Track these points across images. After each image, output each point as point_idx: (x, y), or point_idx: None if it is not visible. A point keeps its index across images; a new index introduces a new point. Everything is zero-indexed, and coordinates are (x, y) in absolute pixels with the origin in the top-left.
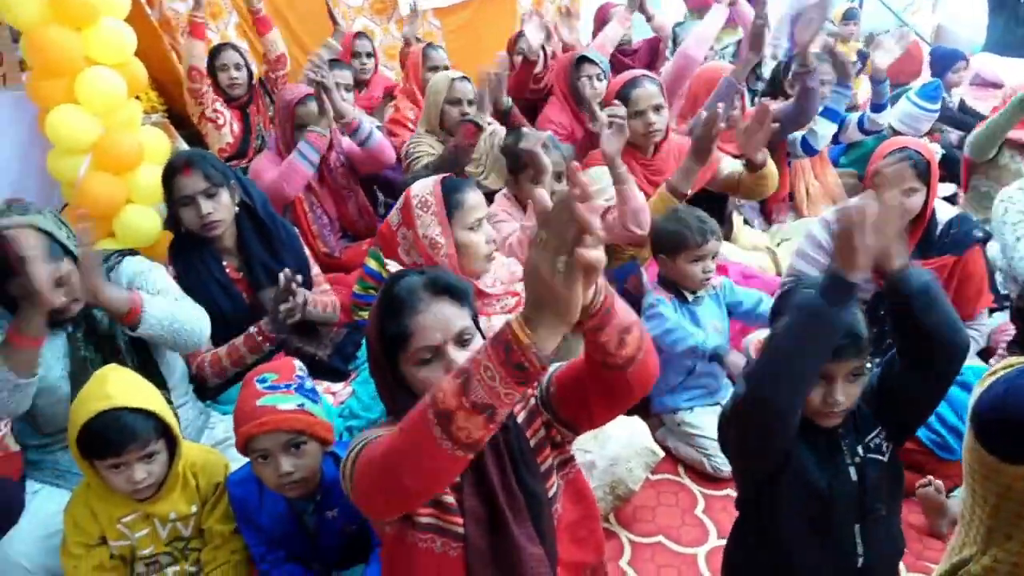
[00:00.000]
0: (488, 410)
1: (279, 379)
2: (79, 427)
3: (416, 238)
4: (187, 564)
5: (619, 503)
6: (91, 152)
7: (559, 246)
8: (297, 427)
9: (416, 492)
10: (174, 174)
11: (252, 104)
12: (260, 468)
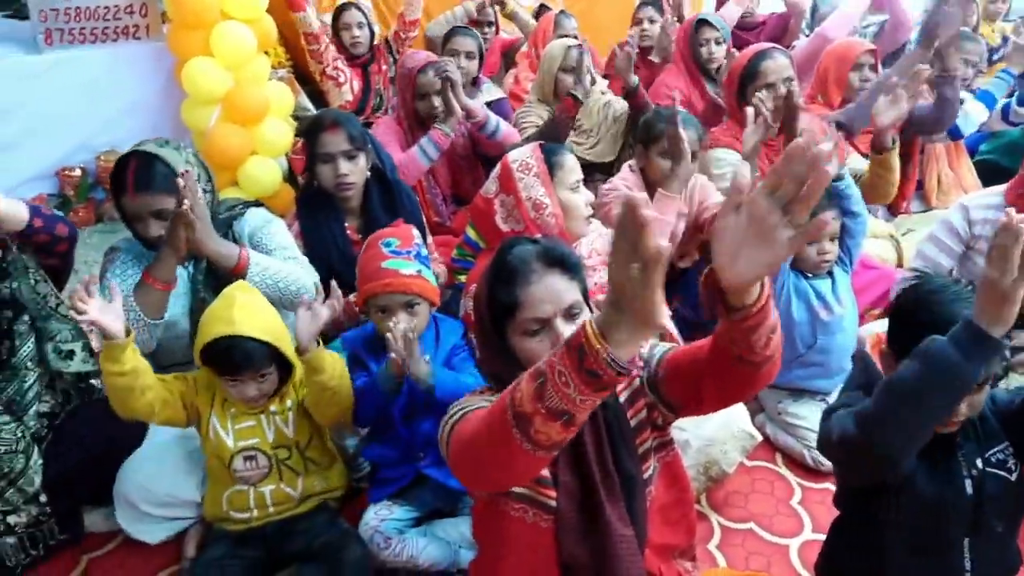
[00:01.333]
0: (565, 416)
1: (401, 245)
2: (203, 344)
3: (518, 202)
4: (282, 483)
5: (711, 484)
6: (221, 103)
7: (630, 252)
8: (414, 290)
9: (502, 482)
10: (320, 130)
11: (373, 63)
12: (379, 320)
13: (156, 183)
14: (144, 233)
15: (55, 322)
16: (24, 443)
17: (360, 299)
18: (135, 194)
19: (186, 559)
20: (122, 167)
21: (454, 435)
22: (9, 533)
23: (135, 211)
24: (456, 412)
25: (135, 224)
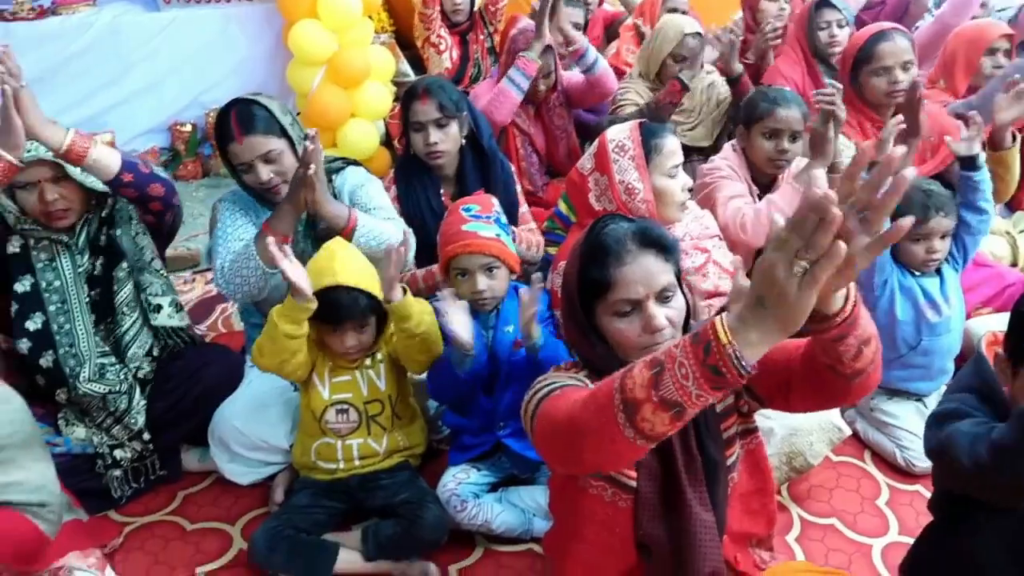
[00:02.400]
0: (676, 408)
1: (480, 211)
2: None
3: (611, 183)
4: (369, 438)
5: (794, 475)
6: (325, 66)
7: (802, 248)
8: (493, 252)
9: (594, 465)
10: (412, 99)
11: (472, 32)
12: (459, 283)
13: (259, 125)
14: (254, 179)
15: (148, 275)
16: (127, 384)
17: (442, 263)
18: (241, 137)
19: (274, 503)
20: (224, 116)
21: (541, 413)
22: (115, 466)
23: (242, 156)
24: (542, 388)
25: (244, 173)
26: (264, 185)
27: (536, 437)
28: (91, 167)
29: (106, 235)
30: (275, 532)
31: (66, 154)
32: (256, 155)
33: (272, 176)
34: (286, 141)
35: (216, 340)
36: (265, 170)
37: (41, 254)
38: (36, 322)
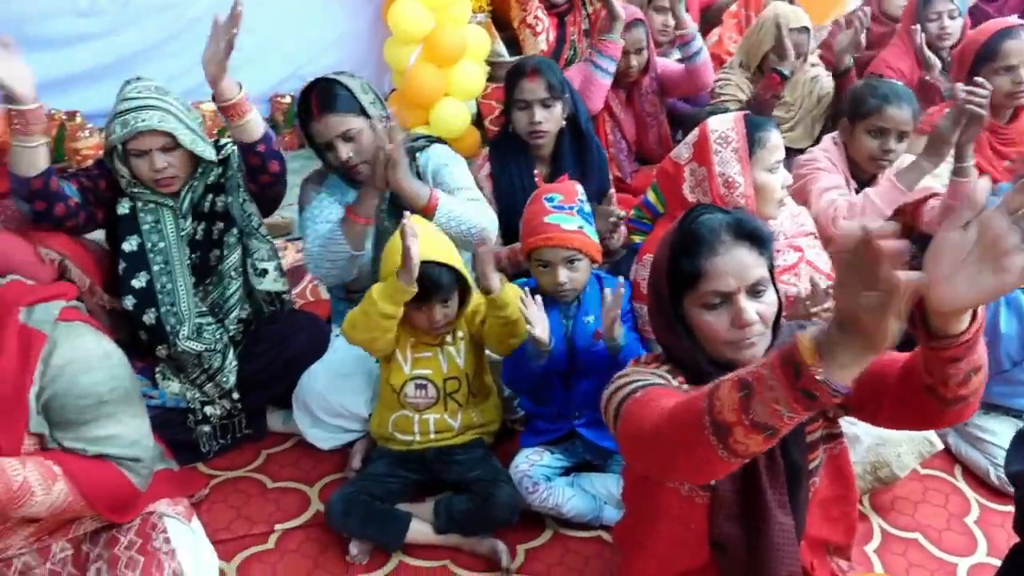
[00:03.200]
0: (769, 430)
1: (564, 200)
2: (394, 270)
3: (710, 175)
4: (446, 413)
5: (878, 486)
6: (422, 43)
7: (864, 283)
8: (575, 245)
9: (683, 477)
10: (520, 76)
11: (570, 14)
12: (540, 274)
13: (339, 103)
14: (335, 158)
15: (256, 241)
16: (223, 343)
17: (523, 251)
18: (320, 115)
19: (351, 469)
20: (306, 95)
21: (626, 416)
22: (205, 422)
23: (323, 134)
24: (625, 386)
25: (325, 151)
26: (344, 164)
27: (620, 439)
28: (241, 127)
29: (211, 202)
30: (351, 498)
31: (231, 107)
32: (335, 133)
33: (351, 155)
34: (366, 120)
35: (304, 307)
36: (344, 148)
37: (148, 216)
38: (141, 280)
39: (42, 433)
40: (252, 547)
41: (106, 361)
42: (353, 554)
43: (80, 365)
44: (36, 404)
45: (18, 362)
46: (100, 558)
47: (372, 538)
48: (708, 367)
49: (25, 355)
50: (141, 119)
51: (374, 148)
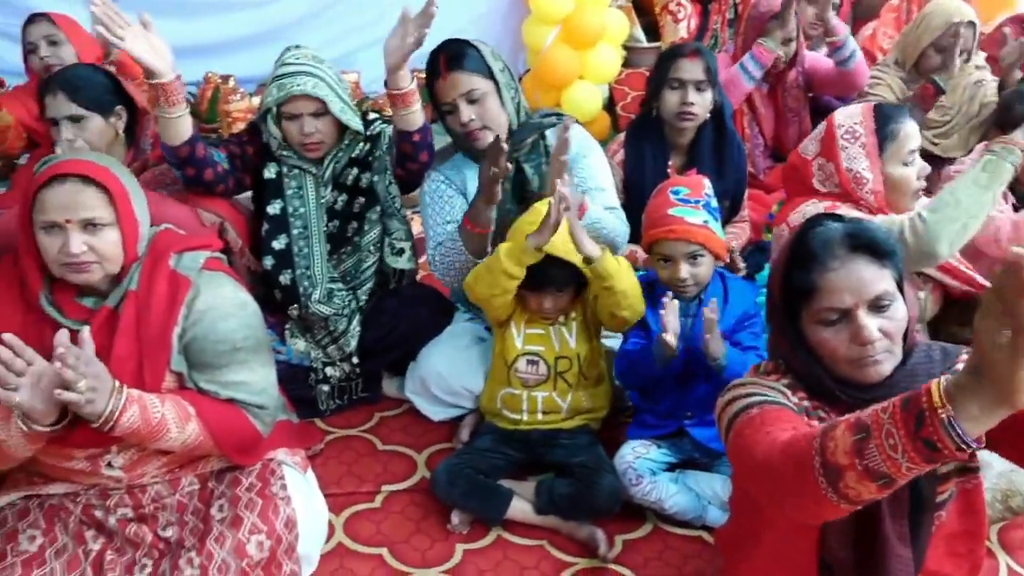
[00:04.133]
0: (884, 479)
1: (690, 194)
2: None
3: (838, 170)
4: (555, 392)
5: (1008, 516)
6: (560, 25)
7: (1005, 317)
8: (699, 240)
9: (790, 514)
10: (678, 56)
11: (715, 2)
12: (660, 268)
13: (466, 63)
14: (455, 121)
15: (396, 221)
16: (350, 310)
17: (644, 244)
18: (447, 73)
19: (459, 441)
20: (435, 54)
21: (738, 434)
22: (325, 382)
23: (447, 93)
24: (740, 398)
25: (448, 114)
26: (464, 127)
27: (731, 455)
28: (404, 116)
29: (355, 176)
30: (456, 469)
31: (401, 95)
32: (460, 92)
33: (472, 118)
34: (493, 84)
35: (425, 279)
36: (467, 111)
37: (292, 182)
38: (281, 243)
39: (181, 372)
40: (359, 504)
41: (242, 311)
42: (454, 523)
43: (219, 312)
44: (178, 344)
45: (166, 304)
46: (223, 496)
47: (474, 510)
48: (830, 384)
49: (172, 298)
50: (296, 84)
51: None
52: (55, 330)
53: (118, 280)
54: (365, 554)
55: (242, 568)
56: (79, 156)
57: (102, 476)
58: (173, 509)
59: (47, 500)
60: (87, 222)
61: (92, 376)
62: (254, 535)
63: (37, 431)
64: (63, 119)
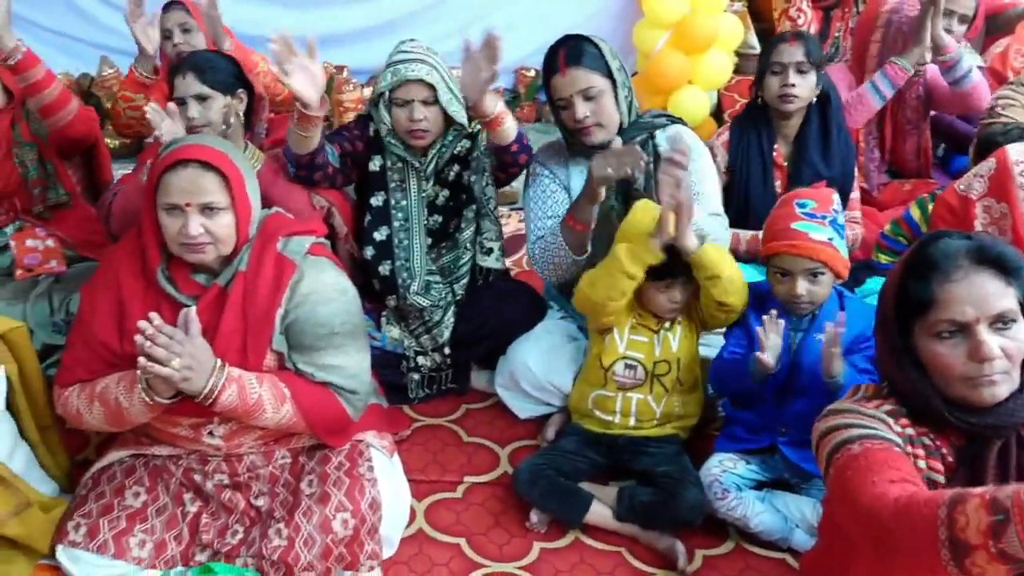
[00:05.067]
0: (1020, 564)
1: (817, 208)
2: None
3: (1014, 213)
4: (650, 396)
5: None
6: (672, 28)
7: None
8: (821, 258)
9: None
10: (780, 42)
11: (838, 8)
12: (776, 282)
13: (585, 59)
14: (570, 116)
15: (488, 222)
16: (446, 302)
17: (763, 255)
18: (565, 68)
19: (543, 440)
20: (554, 49)
21: (840, 471)
22: (416, 371)
23: (564, 88)
24: (840, 429)
25: (562, 109)
26: (578, 123)
27: (829, 490)
28: (497, 133)
29: (455, 173)
30: (538, 469)
31: (488, 122)
32: (577, 89)
33: (587, 115)
34: (610, 82)
35: (518, 276)
36: (583, 107)
37: (395, 175)
38: (382, 234)
39: (282, 352)
40: (441, 492)
41: (342, 297)
42: (533, 521)
43: (320, 296)
44: (280, 324)
45: (271, 285)
46: (313, 472)
47: (553, 511)
48: (939, 405)
49: (278, 280)
50: (411, 70)
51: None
52: (169, 303)
53: (229, 260)
54: (444, 542)
55: (327, 543)
56: (201, 142)
57: (203, 443)
58: (266, 480)
59: (152, 460)
60: (205, 206)
61: (188, 355)
62: (340, 513)
63: (158, 403)
64: (190, 98)
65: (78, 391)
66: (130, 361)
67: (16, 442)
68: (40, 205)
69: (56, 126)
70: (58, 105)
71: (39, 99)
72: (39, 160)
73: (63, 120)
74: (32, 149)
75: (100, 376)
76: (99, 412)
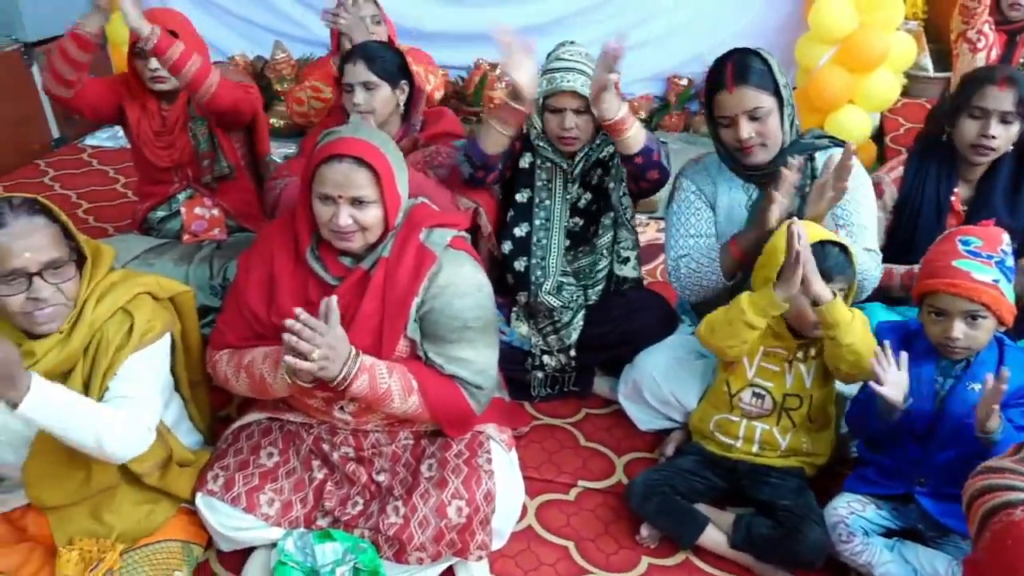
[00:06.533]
0: None
1: (983, 247)
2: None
3: None
4: (776, 427)
5: None
6: (838, 44)
7: None
8: (983, 300)
9: None
10: (986, 82)
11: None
12: (930, 322)
13: (754, 77)
14: (732, 136)
15: (625, 231)
16: (577, 304)
17: (916, 294)
18: (733, 86)
19: (661, 455)
20: (721, 63)
21: (997, 538)
22: (540, 369)
23: (727, 107)
24: (998, 491)
25: (722, 127)
26: (742, 143)
27: (983, 556)
28: (620, 141)
29: (599, 177)
30: (654, 484)
31: (611, 125)
32: (743, 108)
33: (752, 135)
34: (777, 101)
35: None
36: (748, 127)
37: (542, 173)
38: (522, 230)
39: (415, 340)
40: (554, 493)
41: (478, 292)
42: (643, 535)
43: (457, 289)
44: (415, 313)
45: (411, 274)
46: (433, 456)
47: (665, 528)
48: None
49: (417, 269)
50: (566, 80)
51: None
52: (316, 281)
53: (374, 246)
54: (552, 543)
55: (440, 527)
56: (358, 136)
57: (333, 416)
58: (388, 457)
59: (287, 425)
60: (356, 199)
61: (327, 345)
62: (455, 500)
63: (300, 386)
64: (358, 84)
65: (227, 357)
66: (274, 331)
67: (172, 396)
68: (208, 176)
69: (201, 101)
70: (196, 82)
71: (181, 77)
72: (209, 134)
73: (206, 95)
74: (203, 123)
75: (247, 342)
76: (245, 382)
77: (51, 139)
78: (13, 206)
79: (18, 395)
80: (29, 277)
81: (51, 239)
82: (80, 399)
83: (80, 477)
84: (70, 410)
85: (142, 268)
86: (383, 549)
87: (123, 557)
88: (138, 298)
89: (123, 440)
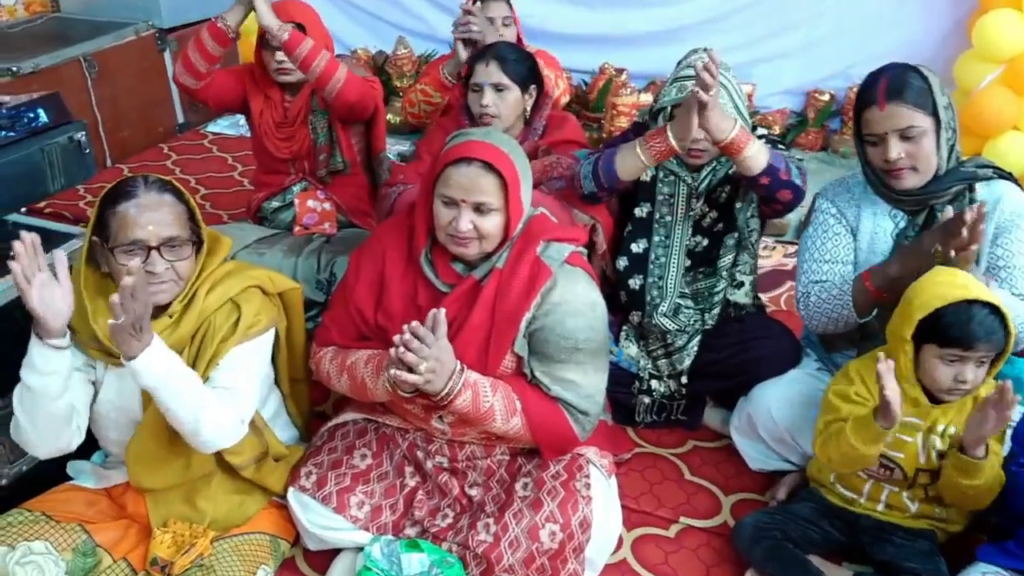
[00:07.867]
0: None
1: None
2: (931, 309)
3: None
4: (905, 492)
5: None
6: (1005, 64)
7: None
8: None
9: None
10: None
11: None
12: None
13: (910, 95)
14: (879, 155)
15: (745, 254)
16: (693, 328)
17: None
18: (884, 103)
19: (773, 498)
20: (874, 78)
21: None
22: (647, 394)
23: (877, 125)
24: None
25: (871, 145)
26: (890, 164)
27: None
28: (739, 162)
29: (727, 195)
30: (764, 527)
31: (725, 145)
32: (893, 127)
33: (901, 156)
34: (934, 122)
35: (774, 315)
36: (897, 147)
37: (664, 188)
38: (639, 246)
39: (522, 356)
40: (652, 527)
41: (591, 311)
42: None
43: (570, 308)
44: (525, 328)
45: (524, 288)
46: (530, 475)
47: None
48: None
49: (531, 284)
50: None
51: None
52: (426, 285)
53: (489, 256)
54: None
55: (531, 550)
56: (488, 140)
57: (431, 425)
58: (482, 471)
59: (382, 428)
60: (479, 205)
61: (434, 358)
62: (549, 523)
63: (400, 395)
64: (488, 85)
65: (331, 356)
66: (378, 332)
67: (271, 391)
68: (323, 170)
69: (328, 97)
70: (324, 78)
71: (309, 74)
72: (328, 128)
73: (334, 90)
74: (323, 117)
75: (352, 341)
76: (346, 383)
77: (176, 124)
78: (147, 182)
79: (139, 348)
80: (148, 250)
81: (175, 217)
82: (193, 374)
83: (180, 464)
84: (181, 382)
85: (252, 257)
86: (470, 566)
87: (213, 544)
88: (248, 291)
89: (218, 428)
